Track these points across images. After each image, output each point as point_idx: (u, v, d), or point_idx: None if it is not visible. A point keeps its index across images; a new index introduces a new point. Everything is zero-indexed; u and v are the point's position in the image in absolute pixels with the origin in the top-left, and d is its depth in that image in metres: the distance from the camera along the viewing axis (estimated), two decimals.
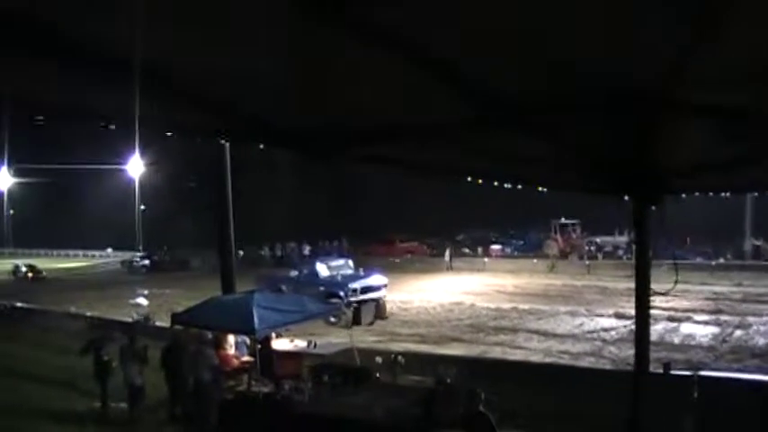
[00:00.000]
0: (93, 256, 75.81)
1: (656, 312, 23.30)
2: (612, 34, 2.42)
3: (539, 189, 5.33)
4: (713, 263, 40.89)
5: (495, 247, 55.56)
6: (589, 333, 23.56)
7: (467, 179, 4.98)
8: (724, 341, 21.49)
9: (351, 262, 31.14)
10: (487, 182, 5.11)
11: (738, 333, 22.59)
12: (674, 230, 35.84)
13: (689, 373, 12.96)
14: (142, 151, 51.06)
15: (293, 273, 30.76)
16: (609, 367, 17.81)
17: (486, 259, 50.27)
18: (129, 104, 3.05)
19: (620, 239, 47.79)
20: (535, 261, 47.00)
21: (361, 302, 26.77)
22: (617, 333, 23.03)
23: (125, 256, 62.86)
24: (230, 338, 14.60)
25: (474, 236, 60.37)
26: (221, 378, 13.40)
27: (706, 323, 24.34)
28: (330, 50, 2.70)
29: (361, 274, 29.64)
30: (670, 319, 24.30)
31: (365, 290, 27.28)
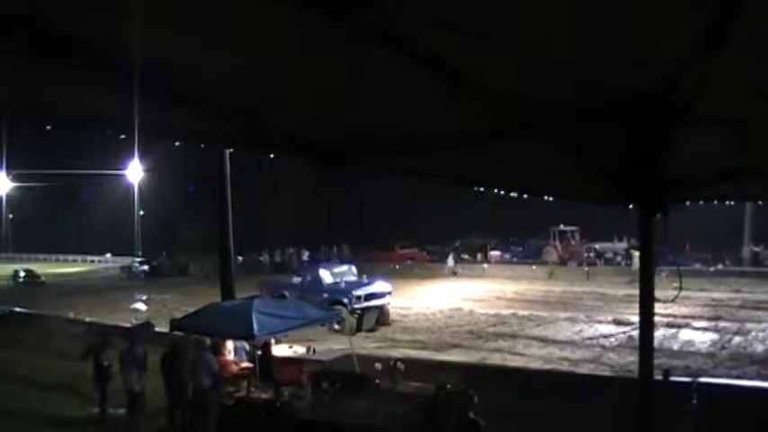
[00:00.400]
0: (92, 261, 75.84)
1: (656, 319, 22.97)
2: (619, 40, 2.43)
3: (545, 198, 5.34)
4: (712, 269, 40.97)
5: (495, 254, 55.59)
6: (588, 340, 23.58)
7: (473, 188, 4.99)
8: (723, 348, 21.52)
9: (354, 268, 30.94)
10: (493, 190, 5.12)
11: (737, 340, 22.62)
12: (673, 237, 35.93)
13: (688, 380, 12.98)
14: (142, 156, 51.09)
15: (296, 279, 30.65)
16: (608, 374, 17.82)
17: (486, 265, 50.33)
18: (131, 110, 3.06)
19: (618, 246, 47.85)
20: (534, 267, 47.04)
21: (365, 309, 26.68)
22: (616, 339, 23.06)
23: (124, 261, 62.80)
24: (229, 344, 14.59)
25: (470, 242, 60.31)
26: (221, 384, 13.39)
27: (705, 330, 24.37)
28: (333, 54, 2.71)
29: (365, 281, 29.54)
30: (669, 325, 24.31)
31: (369, 297, 27.11)
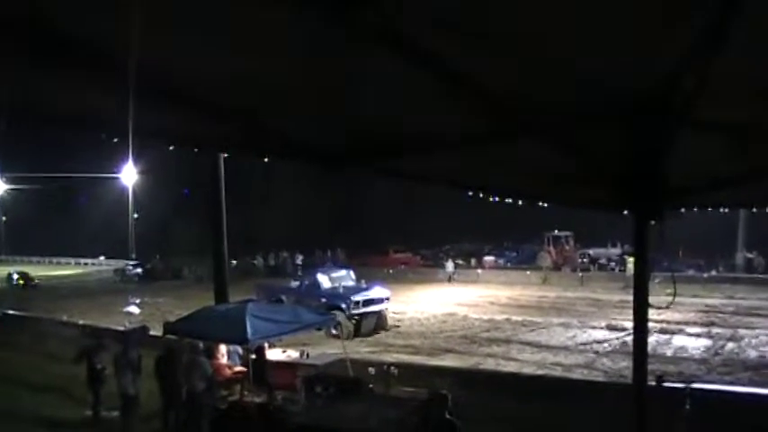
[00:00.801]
0: (85, 264, 75.58)
1: (650, 325, 22.99)
2: (617, 43, 2.44)
3: (541, 204, 5.34)
4: (705, 275, 41.01)
5: (489, 259, 55.57)
6: (582, 345, 23.56)
7: (467, 192, 4.99)
8: (716, 354, 21.54)
9: (352, 273, 30.73)
10: (488, 196, 5.12)
11: (730, 346, 22.64)
12: (667, 243, 35.97)
13: (681, 386, 13.01)
14: (136, 159, 50.94)
15: (294, 283, 30.52)
16: (602, 379, 17.83)
17: (480, 271, 50.30)
18: (127, 113, 3.06)
19: (612, 252, 47.89)
20: (528, 273, 47.00)
21: (363, 315, 26.58)
22: (610, 345, 23.07)
23: (118, 264, 62.56)
24: (222, 348, 14.57)
25: (461, 248, 60.29)
26: (215, 388, 13.37)
27: (698, 336, 24.40)
28: (331, 56, 2.72)
29: (364, 286, 29.34)
30: (662, 331, 24.38)
31: (367, 303, 26.96)
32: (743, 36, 2.21)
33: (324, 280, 28.65)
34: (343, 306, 26.04)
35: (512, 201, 5.14)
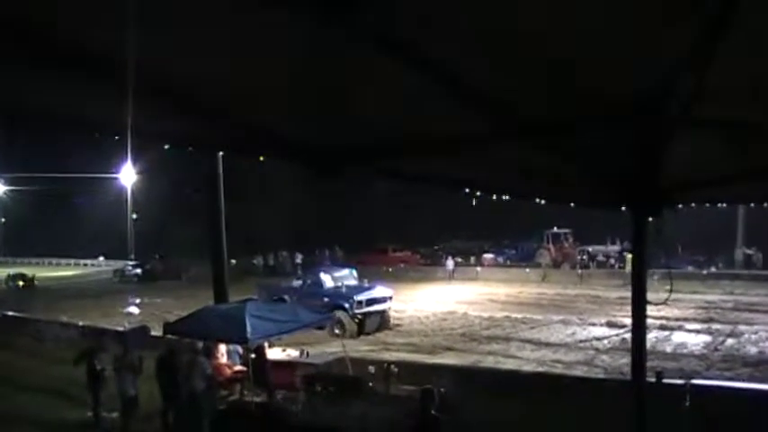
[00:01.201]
0: (84, 264, 75.45)
1: (649, 321, 23.07)
2: (613, 46, 2.44)
3: (537, 201, 5.35)
4: (705, 272, 41.04)
5: (488, 256, 55.57)
6: (581, 342, 23.57)
7: (465, 190, 4.99)
8: (716, 350, 21.54)
9: (355, 272, 30.59)
10: (486, 194, 5.12)
11: (730, 342, 22.64)
12: (666, 240, 35.97)
13: (681, 382, 13.01)
14: (135, 160, 50.95)
15: (296, 283, 30.38)
16: (601, 376, 17.83)
17: (479, 268, 50.30)
18: (125, 113, 3.05)
19: (611, 248, 47.83)
20: (528, 270, 47.05)
21: (366, 315, 26.48)
22: (609, 342, 23.07)
23: (117, 264, 62.44)
24: (221, 347, 14.56)
25: (453, 246, 60.19)
26: (215, 387, 13.37)
27: (698, 332, 24.40)
28: (330, 57, 2.71)
29: (366, 285, 29.27)
30: (662, 327, 24.37)
31: (370, 302, 26.86)
32: (740, 37, 2.21)
33: (326, 279, 28.51)
34: (347, 306, 25.98)
35: (510, 198, 5.15)
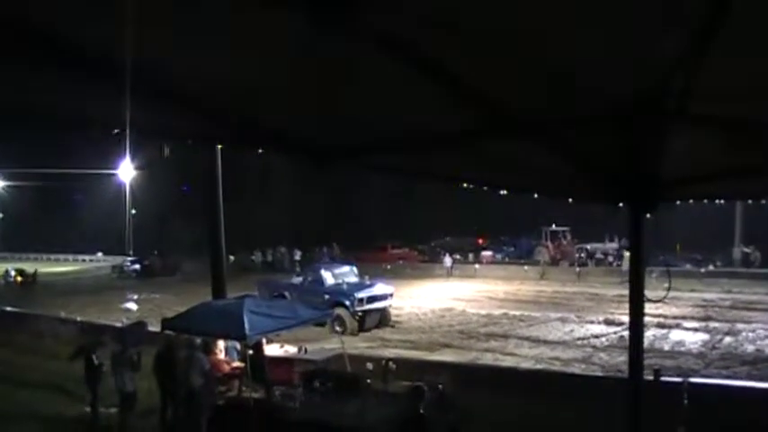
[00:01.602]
0: (83, 260, 75.36)
1: (647, 319, 23.19)
2: (612, 42, 2.44)
3: (533, 196, 5.35)
4: (703, 270, 41.07)
5: (487, 254, 55.61)
6: (579, 340, 23.62)
7: (462, 185, 4.99)
8: (714, 348, 21.59)
9: (355, 269, 30.56)
10: (482, 188, 5.12)
11: (728, 340, 22.70)
12: (664, 238, 36.06)
13: (679, 380, 13.02)
14: (133, 155, 50.89)
15: (296, 279, 30.46)
16: (599, 374, 17.86)
17: (477, 266, 50.33)
18: (124, 110, 3.05)
19: (609, 246, 47.87)
20: (526, 268, 47.12)
21: (367, 312, 26.53)
22: (607, 340, 23.12)
23: (115, 260, 62.39)
24: (220, 344, 14.55)
25: (446, 243, 60.24)
26: (213, 383, 13.36)
27: (696, 330, 24.44)
28: (329, 55, 2.71)
29: (367, 282, 29.26)
30: (660, 325, 24.42)
31: (371, 299, 26.89)
32: (733, 37, 2.22)
33: (327, 276, 28.49)
34: (347, 303, 26.03)
35: (506, 192, 5.15)
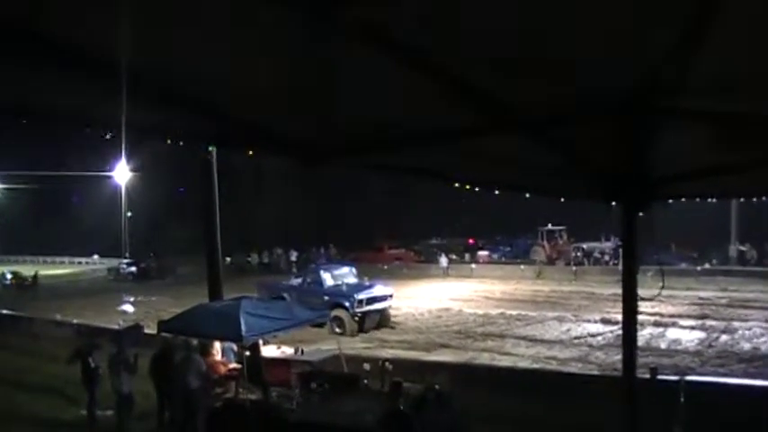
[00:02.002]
0: (79, 263, 75.18)
1: (643, 318, 23.43)
2: (603, 39, 2.45)
3: (525, 195, 5.35)
4: (699, 268, 41.14)
5: (483, 254, 55.63)
6: (576, 339, 23.65)
7: (455, 185, 4.99)
8: (710, 346, 21.62)
9: (354, 270, 30.50)
10: (475, 188, 5.13)
11: (724, 338, 22.74)
12: (659, 236, 36.10)
13: (675, 378, 13.04)
14: (129, 158, 50.85)
15: (295, 281, 30.42)
16: (596, 372, 17.88)
17: (474, 265, 50.33)
18: (117, 110, 3.05)
19: (606, 245, 47.90)
20: (522, 267, 47.12)
21: (366, 313, 26.52)
22: (603, 338, 23.15)
23: (111, 263, 62.25)
24: (216, 345, 14.55)
25: (434, 244, 60.28)
26: (209, 385, 13.36)
27: (692, 328, 24.48)
28: (326, 54, 2.72)
29: (366, 283, 29.21)
30: (656, 324, 24.46)
31: (371, 301, 26.85)
32: (722, 34, 2.22)
33: (327, 278, 28.39)
34: (347, 304, 25.99)
35: (498, 192, 5.16)
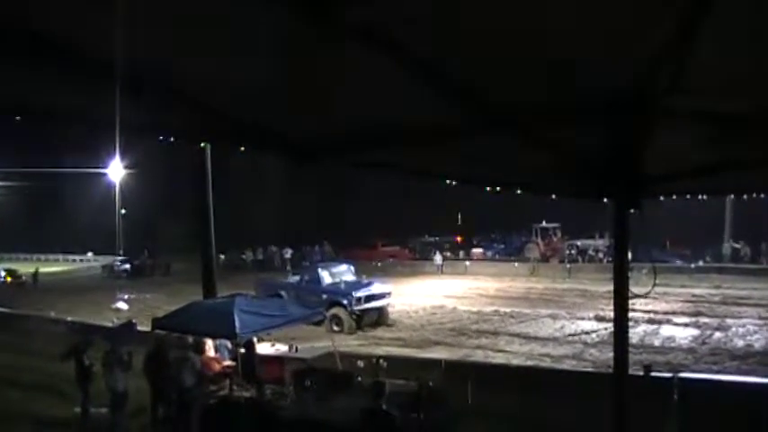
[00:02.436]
0: (73, 260, 75.02)
1: (637, 315, 23.52)
2: (594, 38, 2.45)
3: (519, 192, 5.37)
4: (692, 266, 41.24)
5: (477, 251, 55.67)
6: (570, 336, 23.69)
7: (445, 181, 5.00)
8: (704, 343, 21.68)
9: (352, 267, 30.41)
10: (466, 185, 5.13)
11: (718, 335, 22.81)
12: (653, 234, 36.17)
13: (669, 375, 13.08)
14: (123, 155, 50.68)
15: (293, 278, 30.38)
16: (590, 369, 17.90)
17: (468, 263, 50.38)
18: (115, 109, 3.05)
19: (600, 242, 47.98)
20: (516, 265, 47.18)
21: (364, 311, 26.51)
22: (597, 336, 23.17)
23: (106, 260, 62.17)
24: (210, 342, 14.53)
25: (424, 241, 60.28)
26: (204, 382, 13.35)
27: (686, 325, 24.55)
28: (321, 53, 2.72)
29: (365, 281, 29.16)
30: (650, 321, 24.53)
31: (369, 298, 26.80)
32: (713, 34, 2.23)
33: (325, 275, 28.29)
34: (345, 302, 25.97)
35: (490, 189, 5.17)
